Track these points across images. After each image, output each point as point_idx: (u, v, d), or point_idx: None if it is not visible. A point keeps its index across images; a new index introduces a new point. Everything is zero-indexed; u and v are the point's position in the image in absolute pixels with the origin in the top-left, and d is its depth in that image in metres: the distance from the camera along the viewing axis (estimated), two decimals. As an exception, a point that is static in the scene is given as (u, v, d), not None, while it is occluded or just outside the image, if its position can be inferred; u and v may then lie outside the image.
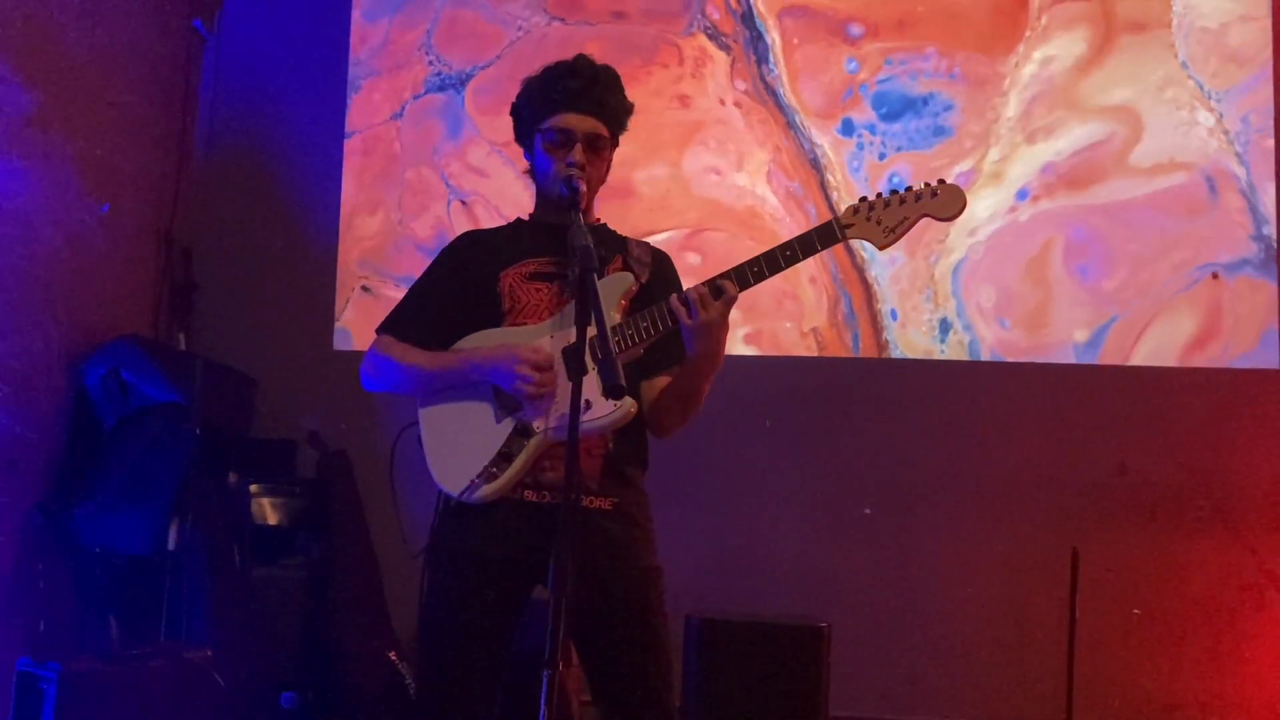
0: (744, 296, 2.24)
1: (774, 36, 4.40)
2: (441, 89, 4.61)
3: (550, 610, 1.86)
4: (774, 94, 4.38)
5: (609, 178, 2.46)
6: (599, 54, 2.43)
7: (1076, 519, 3.98)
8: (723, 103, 4.39)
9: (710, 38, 4.41)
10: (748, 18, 4.41)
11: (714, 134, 4.40)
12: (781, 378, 4.26)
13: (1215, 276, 4.09)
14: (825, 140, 4.35)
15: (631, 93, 2.43)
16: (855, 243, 4.07)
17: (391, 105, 4.65)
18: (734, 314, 2.23)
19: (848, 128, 4.34)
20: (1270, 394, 4.02)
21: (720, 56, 4.41)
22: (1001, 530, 4.07)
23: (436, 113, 4.61)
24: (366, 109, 4.67)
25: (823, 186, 4.31)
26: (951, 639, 4.04)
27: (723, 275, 2.21)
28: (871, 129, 4.32)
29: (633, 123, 2.45)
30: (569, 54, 2.42)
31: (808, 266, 4.22)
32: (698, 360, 2.25)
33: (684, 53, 4.41)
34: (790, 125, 4.37)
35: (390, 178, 4.63)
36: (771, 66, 4.39)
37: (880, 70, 4.33)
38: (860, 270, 4.29)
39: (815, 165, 4.34)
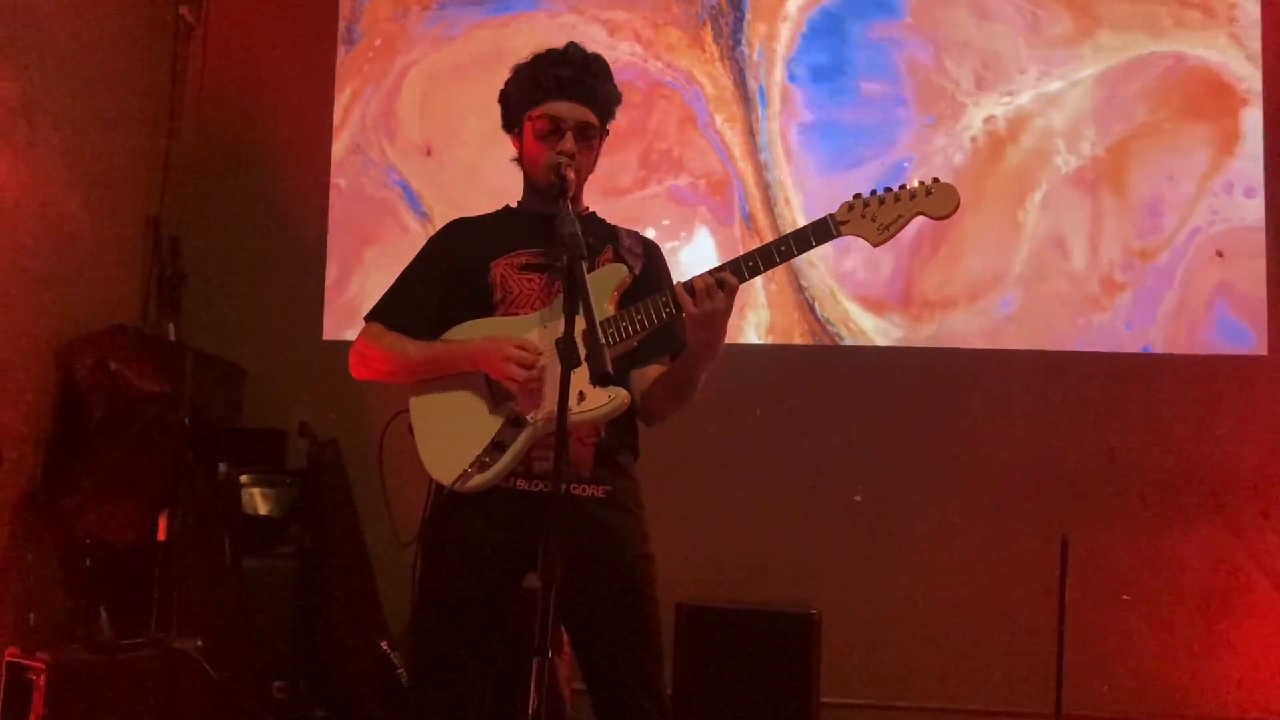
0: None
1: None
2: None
3: (540, 597, 1.86)
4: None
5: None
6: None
7: (1066, 506, 3.99)
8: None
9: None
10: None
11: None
12: (772, 365, 4.27)
13: (1219, 255, 4.10)
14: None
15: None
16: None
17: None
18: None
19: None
20: (1258, 380, 4.04)
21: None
22: (992, 517, 4.08)
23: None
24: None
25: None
26: (942, 626, 4.05)
27: (718, 269, 2.21)
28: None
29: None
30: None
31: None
32: (698, 348, 2.25)
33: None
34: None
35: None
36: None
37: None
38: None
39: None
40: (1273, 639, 3.90)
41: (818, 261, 4.28)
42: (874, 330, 4.28)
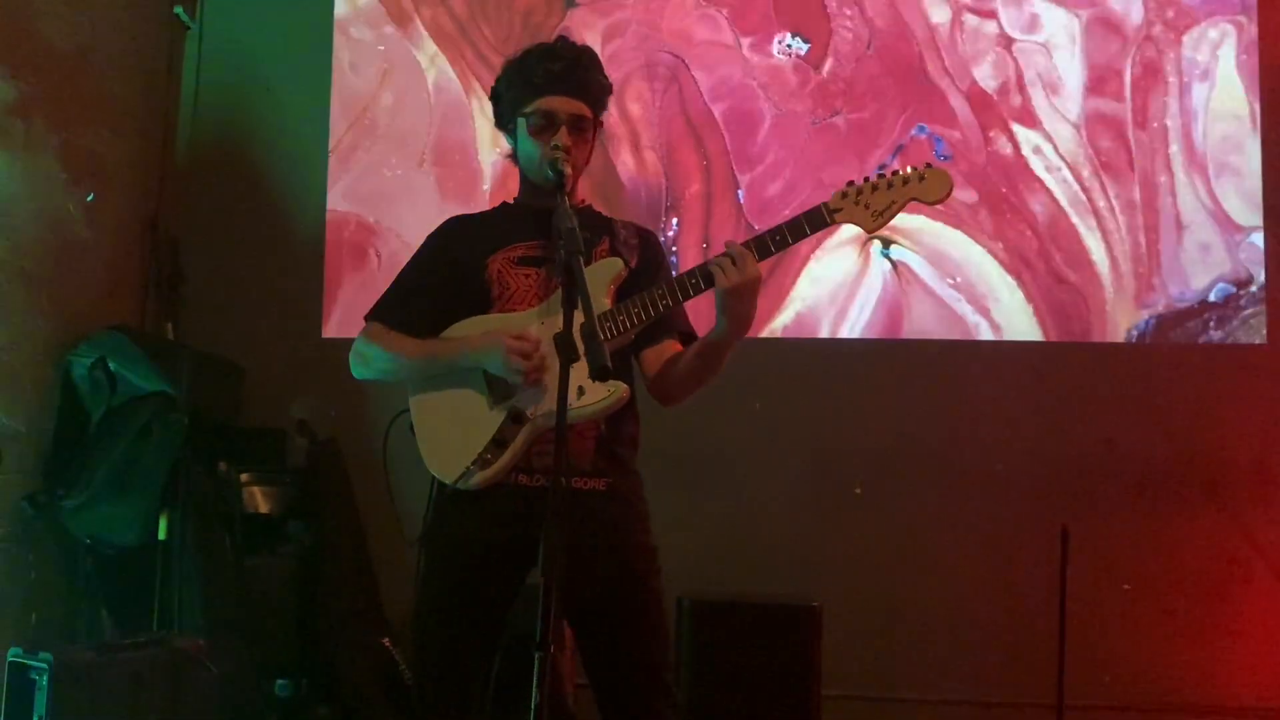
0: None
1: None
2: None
3: (542, 592, 1.86)
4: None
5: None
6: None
7: (1066, 496, 3.99)
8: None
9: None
10: None
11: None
12: (771, 359, 4.26)
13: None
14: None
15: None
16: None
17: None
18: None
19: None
20: (1255, 368, 4.04)
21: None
22: (992, 508, 4.08)
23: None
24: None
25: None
26: (943, 617, 4.05)
27: (730, 245, 2.20)
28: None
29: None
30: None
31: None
32: (732, 322, 2.21)
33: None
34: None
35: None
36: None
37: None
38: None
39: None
40: (1273, 626, 3.90)
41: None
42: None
